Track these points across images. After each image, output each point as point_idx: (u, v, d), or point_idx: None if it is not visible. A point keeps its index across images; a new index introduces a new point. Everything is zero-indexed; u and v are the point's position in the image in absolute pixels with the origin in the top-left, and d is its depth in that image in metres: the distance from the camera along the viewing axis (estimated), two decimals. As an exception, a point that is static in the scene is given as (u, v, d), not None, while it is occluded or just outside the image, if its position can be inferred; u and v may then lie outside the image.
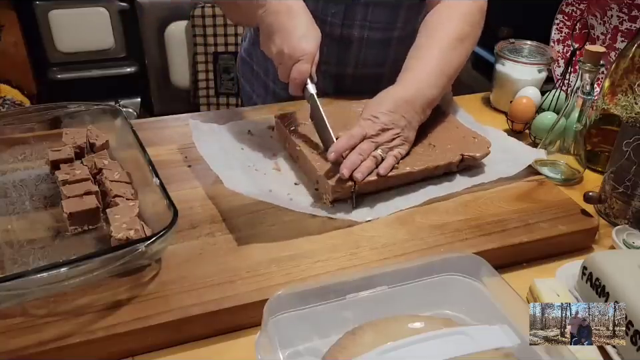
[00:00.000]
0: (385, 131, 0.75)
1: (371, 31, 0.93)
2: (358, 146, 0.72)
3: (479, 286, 0.54)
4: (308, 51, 0.73)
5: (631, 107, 0.79)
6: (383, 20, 0.92)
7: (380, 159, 0.73)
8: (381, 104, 0.76)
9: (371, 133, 0.74)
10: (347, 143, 0.72)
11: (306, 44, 0.74)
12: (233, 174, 0.72)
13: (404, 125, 0.76)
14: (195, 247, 0.64)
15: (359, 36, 0.93)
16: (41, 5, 2.04)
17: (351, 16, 0.91)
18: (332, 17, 0.91)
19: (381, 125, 0.74)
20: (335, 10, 0.91)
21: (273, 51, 0.75)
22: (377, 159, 0.73)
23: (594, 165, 0.87)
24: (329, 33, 0.91)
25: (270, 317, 0.48)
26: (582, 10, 1.09)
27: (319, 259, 0.63)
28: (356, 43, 0.94)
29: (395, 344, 0.43)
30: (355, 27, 0.92)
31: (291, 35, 0.74)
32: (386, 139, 0.74)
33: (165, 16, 2.20)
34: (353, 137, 0.72)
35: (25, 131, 0.79)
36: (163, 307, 0.56)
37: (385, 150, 0.74)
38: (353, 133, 0.73)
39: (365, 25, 0.92)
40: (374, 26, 0.92)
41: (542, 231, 0.69)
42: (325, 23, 0.91)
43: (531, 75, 1.01)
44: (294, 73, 0.74)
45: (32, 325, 0.53)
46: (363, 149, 0.72)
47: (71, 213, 0.64)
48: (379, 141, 0.74)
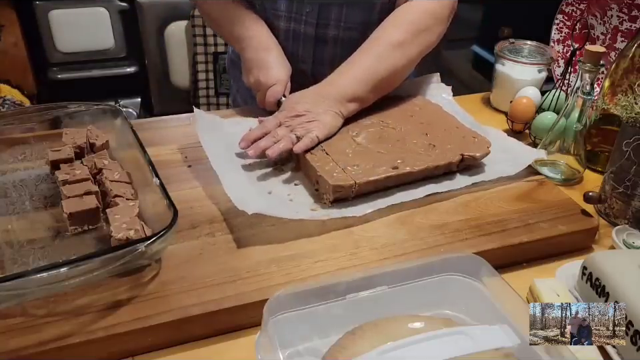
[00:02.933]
0: (299, 116, 0.78)
1: (345, 31, 0.94)
2: (272, 131, 0.77)
3: (478, 286, 0.54)
4: (280, 78, 0.87)
5: (631, 106, 0.79)
6: (358, 20, 0.93)
7: (295, 139, 0.76)
8: (301, 96, 0.82)
9: (285, 120, 0.78)
10: (259, 131, 0.77)
11: (278, 73, 0.88)
12: (234, 177, 0.72)
13: (320, 112, 0.79)
14: (195, 247, 0.64)
15: (333, 35, 0.94)
16: (40, 5, 2.04)
17: (325, 16, 0.92)
18: (306, 16, 0.92)
19: (295, 112, 0.79)
20: (309, 9, 0.92)
21: (252, 80, 0.90)
22: (292, 139, 0.75)
23: (594, 165, 0.87)
24: (304, 33, 0.94)
25: (270, 317, 0.48)
26: (582, 10, 1.09)
27: (318, 259, 0.63)
28: (331, 43, 0.95)
29: (394, 344, 0.43)
30: (330, 26, 0.93)
31: (267, 68, 0.88)
32: (300, 122, 0.77)
33: (165, 16, 2.19)
34: (265, 127, 0.77)
35: (25, 131, 0.79)
36: (163, 306, 0.56)
37: (301, 132, 0.76)
38: (265, 123, 0.78)
39: (340, 25, 0.93)
40: (349, 26, 0.93)
41: (542, 230, 0.69)
42: (300, 22, 0.93)
43: (531, 74, 1.01)
44: (268, 96, 0.86)
45: (32, 324, 0.53)
46: (276, 132, 0.76)
47: (70, 213, 0.64)
48: (292, 124, 0.77)
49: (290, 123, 0.78)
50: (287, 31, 0.94)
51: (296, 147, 0.74)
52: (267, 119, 0.80)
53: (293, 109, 0.79)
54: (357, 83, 0.82)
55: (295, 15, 0.92)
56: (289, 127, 0.77)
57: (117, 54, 2.23)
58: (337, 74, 0.85)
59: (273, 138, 0.75)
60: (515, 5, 1.94)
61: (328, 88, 0.82)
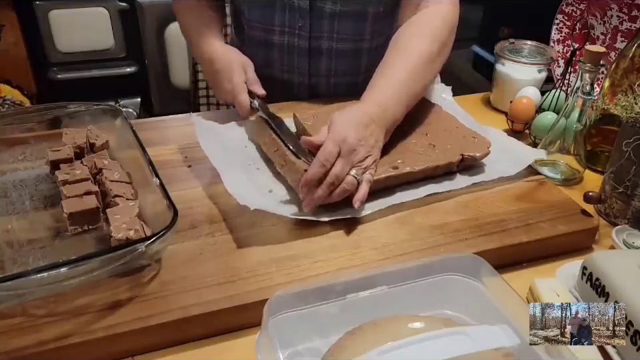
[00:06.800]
0: (354, 150, 0.69)
1: (339, 42, 0.94)
2: (331, 171, 0.67)
3: (479, 286, 0.54)
4: (236, 83, 0.87)
5: (631, 107, 0.79)
6: (350, 31, 0.93)
7: (356, 184, 0.68)
8: (349, 121, 0.70)
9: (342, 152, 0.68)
10: (318, 170, 0.66)
11: (233, 79, 0.87)
12: (233, 176, 0.72)
13: (372, 144, 0.71)
14: (195, 247, 0.64)
15: (327, 47, 0.95)
16: (40, 5, 2.04)
17: (317, 28, 0.93)
18: (299, 29, 0.93)
19: (350, 145, 0.68)
20: (302, 23, 0.92)
21: (222, 96, 0.92)
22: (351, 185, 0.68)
23: (594, 165, 0.87)
24: (298, 46, 0.94)
25: (270, 317, 0.48)
26: (582, 10, 1.09)
27: (318, 259, 0.63)
28: (326, 54, 0.96)
29: (394, 344, 0.43)
30: (323, 38, 0.94)
31: (222, 81, 0.89)
32: (359, 159, 0.69)
33: (165, 16, 2.19)
34: (324, 165, 0.66)
35: (25, 131, 0.79)
36: (163, 306, 0.56)
37: (358, 172, 0.68)
38: (321, 160, 0.66)
39: (333, 36, 0.94)
40: (341, 37, 0.94)
41: (542, 230, 0.69)
42: (294, 35, 0.94)
43: (531, 74, 1.01)
44: (237, 107, 0.87)
45: (32, 324, 0.53)
46: (336, 173, 0.67)
47: (71, 213, 0.64)
48: (353, 160, 0.68)
49: (349, 157, 0.68)
50: (281, 45, 0.95)
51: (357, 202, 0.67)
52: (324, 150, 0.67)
53: (347, 139, 0.68)
54: (398, 105, 0.76)
55: (289, 29, 0.93)
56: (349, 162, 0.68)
57: (117, 54, 2.23)
58: (376, 91, 0.77)
59: (332, 186, 0.67)
60: (515, 5, 1.94)
61: (375, 110, 0.73)
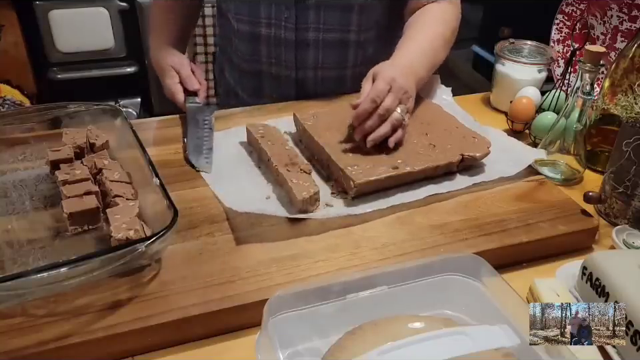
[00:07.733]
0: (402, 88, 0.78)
1: (325, 33, 0.95)
2: (382, 105, 0.76)
3: (478, 286, 0.54)
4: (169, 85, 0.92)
5: (631, 107, 0.79)
6: (336, 22, 0.94)
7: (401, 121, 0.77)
8: (394, 67, 0.81)
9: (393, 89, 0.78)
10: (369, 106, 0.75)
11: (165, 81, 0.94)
12: (228, 187, 0.73)
13: (411, 92, 0.80)
14: (195, 247, 0.64)
15: (314, 38, 0.95)
16: (40, 5, 2.04)
17: (303, 19, 0.93)
18: (285, 21, 0.93)
19: (399, 83, 0.78)
20: (287, 14, 0.92)
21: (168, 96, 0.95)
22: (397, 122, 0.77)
23: (594, 165, 0.87)
24: (285, 38, 0.95)
25: (270, 317, 0.48)
26: (582, 10, 1.09)
27: (319, 259, 0.63)
28: (312, 45, 0.96)
29: (394, 344, 0.43)
30: (310, 30, 0.94)
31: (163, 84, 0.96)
32: (407, 97, 0.79)
33: (165, 16, 2.19)
34: (374, 101, 0.75)
35: (25, 131, 0.80)
36: (163, 307, 0.56)
37: (403, 110, 0.78)
38: (372, 96, 0.75)
39: (319, 27, 0.94)
40: (328, 28, 0.94)
41: (542, 230, 0.69)
42: (280, 27, 0.94)
43: (531, 74, 1.01)
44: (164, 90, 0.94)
45: (32, 324, 0.53)
46: (386, 107, 0.76)
47: (71, 213, 0.64)
48: (401, 98, 0.78)
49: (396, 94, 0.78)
50: (268, 37, 0.95)
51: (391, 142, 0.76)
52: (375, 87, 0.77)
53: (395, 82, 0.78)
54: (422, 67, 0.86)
55: (275, 20, 0.94)
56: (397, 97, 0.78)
57: (117, 54, 2.23)
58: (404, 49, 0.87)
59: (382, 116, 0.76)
60: (515, 5, 1.94)
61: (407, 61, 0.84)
